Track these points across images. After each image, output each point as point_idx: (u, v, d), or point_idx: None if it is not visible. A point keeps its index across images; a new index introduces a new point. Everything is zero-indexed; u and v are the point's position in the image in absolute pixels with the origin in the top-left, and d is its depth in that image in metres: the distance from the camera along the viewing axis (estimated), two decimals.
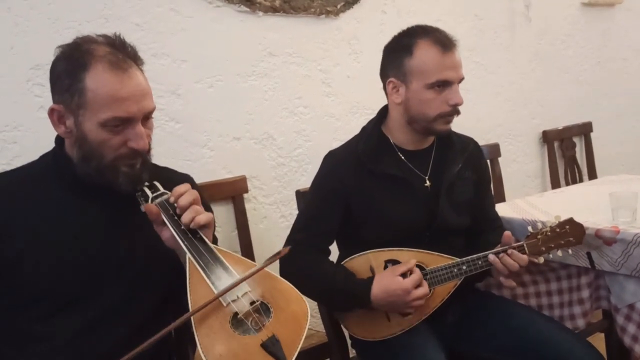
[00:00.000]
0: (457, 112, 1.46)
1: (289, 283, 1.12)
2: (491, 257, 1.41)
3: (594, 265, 1.57)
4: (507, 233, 1.44)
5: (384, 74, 1.52)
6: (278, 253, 1.14)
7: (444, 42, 1.42)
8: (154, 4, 1.81)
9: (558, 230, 1.44)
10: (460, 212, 1.54)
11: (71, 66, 1.11)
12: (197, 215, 1.12)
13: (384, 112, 1.56)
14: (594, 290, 1.66)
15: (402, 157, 1.51)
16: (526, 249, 1.42)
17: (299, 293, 1.11)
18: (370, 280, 1.40)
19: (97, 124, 1.10)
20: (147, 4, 1.80)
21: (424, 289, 1.38)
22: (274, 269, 1.39)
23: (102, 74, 1.10)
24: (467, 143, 1.60)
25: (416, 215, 1.48)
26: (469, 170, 1.57)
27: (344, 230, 1.55)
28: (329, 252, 1.54)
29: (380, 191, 1.47)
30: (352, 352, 1.66)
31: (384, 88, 1.52)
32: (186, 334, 1.19)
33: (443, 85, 1.42)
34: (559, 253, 1.46)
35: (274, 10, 2.04)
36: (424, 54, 1.42)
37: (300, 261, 1.44)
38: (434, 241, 1.49)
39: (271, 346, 1.00)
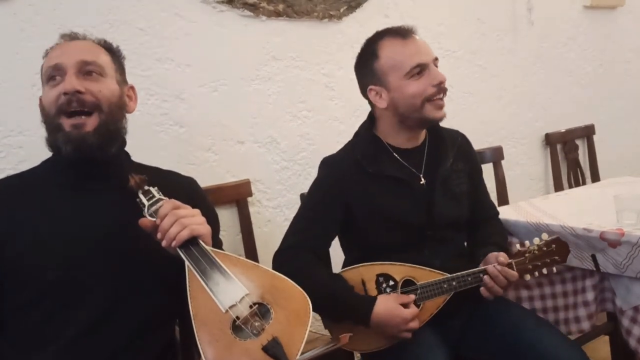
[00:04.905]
0: (444, 92, 1.46)
1: (289, 280, 1.12)
2: (486, 278, 1.42)
3: (599, 267, 1.57)
4: (493, 254, 1.46)
5: (363, 88, 1.54)
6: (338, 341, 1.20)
7: (401, 32, 1.46)
8: (158, 9, 1.82)
9: (545, 248, 1.45)
10: (458, 204, 1.56)
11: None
12: (179, 232, 1.10)
13: (373, 116, 1.57)
14: (599, 293, 1.66)
15: (397, 157, 1.52)
16: (514, 267, 1.43)
17: (300, 289, 1.10)
18: (373, 298, 1.40)
19: (45, 85, 1.23)
20: (151, 9, 1.81)
21: (416, 322, 1.39)
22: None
23: (51, 52, 1.26)
24: (455, 137, 1.62)
25: (416, 212, 1.49)
26: (461, 163, 1.59)
27: (349, 237, 1.55)
28: (324, 256, 1.53)
29: (381, 193, 1.48)
30: (357, 356, 1.66)
31: (368, 100, 1.53)
32: (192, 340, 1.20)
33: (420, 70, 1.44)
34: (544, 271, 1.47)
35: (277, 14, 2.05)
36: (388, 51, 1.46)
37: (298, 262, 1.44)
38: (437, 239, 1.50)
39: (272, 349, 1.01)
